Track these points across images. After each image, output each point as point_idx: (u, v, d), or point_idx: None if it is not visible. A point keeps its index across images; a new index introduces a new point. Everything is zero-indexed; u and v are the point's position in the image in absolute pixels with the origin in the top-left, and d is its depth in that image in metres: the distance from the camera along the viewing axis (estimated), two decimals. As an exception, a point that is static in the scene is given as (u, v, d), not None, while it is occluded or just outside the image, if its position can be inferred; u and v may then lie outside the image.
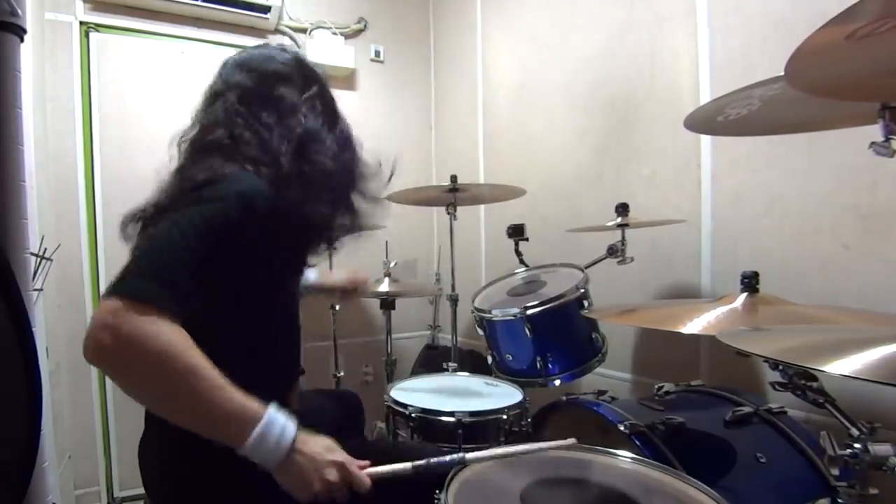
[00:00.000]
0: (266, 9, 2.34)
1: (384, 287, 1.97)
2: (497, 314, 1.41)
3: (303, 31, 2.53)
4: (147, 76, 2.18)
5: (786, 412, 1.12)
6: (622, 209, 1.43)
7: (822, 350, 0.60)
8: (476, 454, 0.81)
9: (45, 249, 1.31)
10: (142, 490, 2.00)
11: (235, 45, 2.34)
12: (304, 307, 1.10)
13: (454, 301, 1.87)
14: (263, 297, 0.88)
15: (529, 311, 1.34)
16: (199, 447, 0.84)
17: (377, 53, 2.73)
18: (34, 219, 1.38)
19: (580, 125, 1.93)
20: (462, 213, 1.86)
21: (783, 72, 0.64)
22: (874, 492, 0.69)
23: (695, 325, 0.89)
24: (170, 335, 0.64)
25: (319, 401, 1.28)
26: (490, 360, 1.50)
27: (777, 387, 0.78)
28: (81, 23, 2.08)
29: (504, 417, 1.27)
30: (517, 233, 1.70)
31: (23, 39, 0.82)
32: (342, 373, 2.11)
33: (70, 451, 1.95)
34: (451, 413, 1.24)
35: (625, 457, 0.91)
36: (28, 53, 1.54)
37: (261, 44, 1.05)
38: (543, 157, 2.10)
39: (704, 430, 1.08)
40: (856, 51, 0.56)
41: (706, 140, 1.50)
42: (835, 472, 0.70)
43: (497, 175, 2.37)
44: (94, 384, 2.09)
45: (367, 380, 2.61)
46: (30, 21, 0.85)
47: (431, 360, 2.39)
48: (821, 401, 0.75)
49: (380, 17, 2.73)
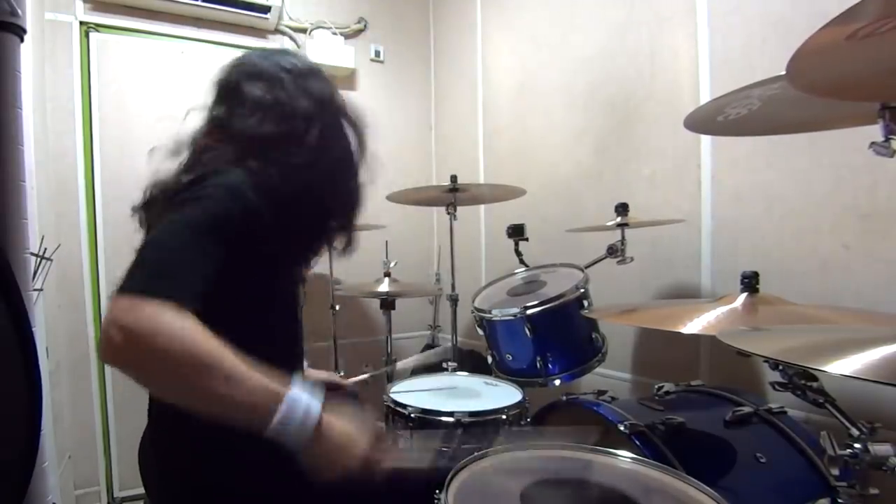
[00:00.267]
0: (266, 9, 2.34)
1: (384, 287, 1.97)
2: (497, 314, 1.41)
3: (303, 31, 2.53)
4: (147, 76, 2.18)
5: (786, 412, 1.12)
6: (622, 209, 1.43)
7: (822, 350, 0.60)
8: None
9: (45, 249, 1.31)
10: (142, 490, 2.00)
11: (235, 45, 2.35)
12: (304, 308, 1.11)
13: (454, 301, 1.87)
14: (261, 290, 0.88)
15: (529, 311, 1.34)
16: (199, 447, 0.85)
17: (377, 53, 2.73)
18: (34, 219, 1.38)
19: (580, 125, 1.93)
20: (462, 213, 1.86)
21: (783, 71, 0.64)
22: (874, 492, 0.69)
23: (695, 325, 0.89)
24: (182, 324, 0.64)
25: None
26: (490, 360, 1.50)
27: (777, 387, 0.78)
28: (81, 23, 2.08)
29: (504, 417, 1.26)
30: (517, 233, 1.70)
31: (23, 39, 0.82)
32: (342, 373, 2.11)
33: (70, 451, 1.95)
34: (451, 413, 1.24)
35: (625, 457, 0.91)
36: (28, 53, 1.54)
37: (269, 48, 1.05)
38: (543, 157, 2.11)
39: (704, 430, 1.08)
40: (856, 51, 0.56)
41: (706, 140, 1.51)
42: (835, 472, 0.70)
43: (497, 175, 2.37)
44: (94, 384, 2.09)
45: (368, 380, 2.61)
46: (30, 21, 0.85)
47: (433, 361, 2.39)
48: (821, 401, 0.75)
49: (380, 17, 2.73)
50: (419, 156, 2.85)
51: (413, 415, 1.28)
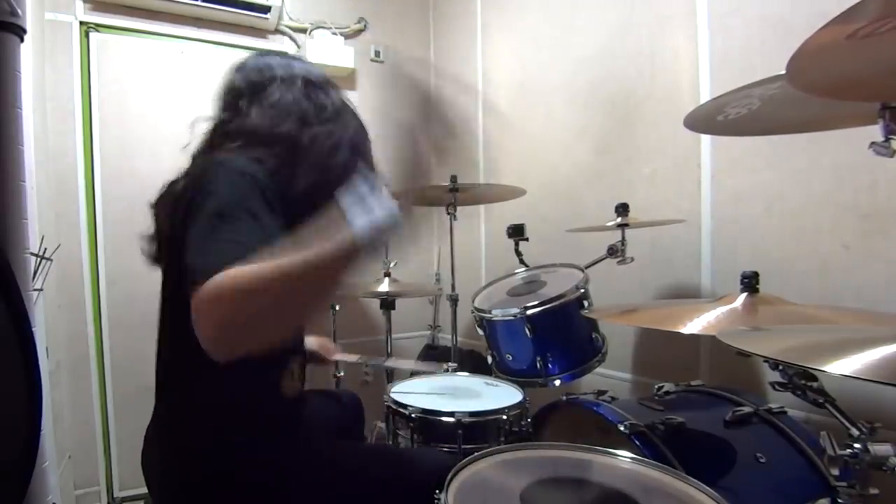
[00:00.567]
0: (266, 9, 2.34)
1: (384, 287, 1.97)
2: (497, 314, 1.41)
3: (303, 31, 2.53)
4: (147, 76, 2.17)
5: (786, 412, 1.12)
6: (622, 209, 1.43)
7: (822, 350, 0.60)
8: None
9: (45, 249, 1.31)
10: (142, 490, 2.01)
11: (235, 46, 2.34)
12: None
13: (454, 301, 1.87)
14: None
15: (529, 311, 1.34)
16: (207, 443, 0.86)
17: (377, 53, 2.73)
18: (34, 219, 1.38)
19: (580, 125, 1.93)
20: (462, 213, 1.86)
21: (783, 71, 0.64)
22: (874, 492, 0.69)
23: (695, 325, 0.89)
24: (244, 272, 0.61)
25: (320, 402, 1.28)
26: (490, 360, 1.50)
27: (777, 387, 0.78)
28: (81, 23, 2.08)
29: (504, 417, 1.26)
30: (517, 233, 1.70)
31: (23, 39, 0.82)
32: (342, 373, 2.11)
33: (70, 451, 1.95)
34: (451, 413, 1.24)
35: (625, 457, 0.91)
36: (28, 53, 1.54)
37: (269, 51, 1.08)
38: (543, 157, 2.10)
39: (704, 430, 1.08)
40: (856, 51, 0.56)
41: (706, 140, 1.51)
42: (835, 472, 0.70)
43: (497, 175, 2.37)
44: (95, 384, 2.09)
45: (367, 380, 2.61)
46: (30, 21, 0.85)
47: (431, 360, 2.39)
48: (821, 401, 0.75)
49: (380, 17, 2.73)
50: (419, 156, 2.84)
51: (413, 415, 1.28)
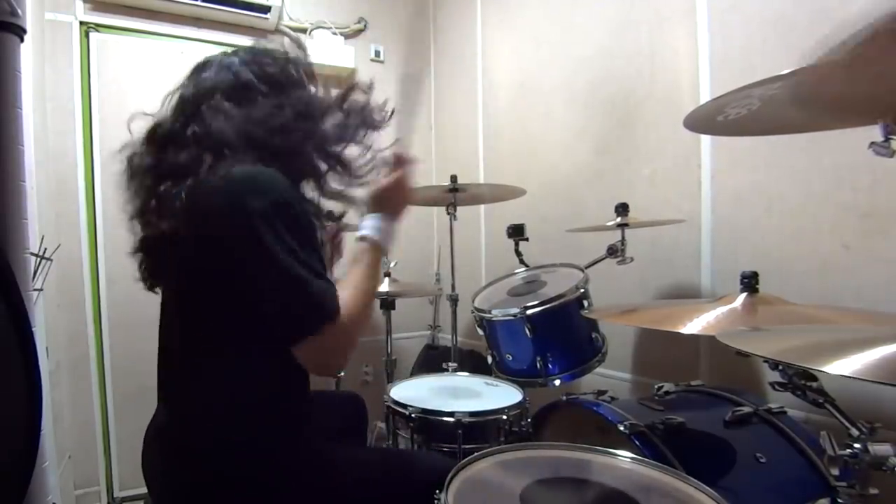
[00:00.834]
0: (266, 9, 2.34)
1: (384, 287, 1.97)
2: (497, 314, 1.41)
3: (303, 31, 2.53)
4: (147, 76, 2.18)
5: (786, 412, 1.12)
6: (622, 209, 1.43)
7: (822, 350, 0.60)
8: None
9: (45, 249, 1.31)
10: (142, 490, 2.01)
11: (235, 46, 2.34)
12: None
13: (454, 301, 1.87)
14: None
15: (529, 311, 1.33)
16: (205, 445, 0.85)
17: (377, 53, 2.73)
18: (34, 219, 1.38)
19: (580, 125, 1.93)
20: (462, 213, 1.86)
21: (784, 71, 0.64)
22: (874, 492, 0.69)
23: (695, 325, 0.89)
24: (349, 312, 0.82)
25: (323, 403, 1.27)
26: (490, 360, 1.50)
27: (777, 387, 0.78)
28: (81, 23, 2.08)
29: (504, 417, 1.26)
30: (517, 233, 1.70)
31: (23, 39, 0.82)
32: (342, 373, 2.11)
33: (70, 451, 1.95)
34: (451, 413, 1.24)
35: (625, 457, 0.91)
36: (28, 53, 1.54)
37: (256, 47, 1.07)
38: (543, 157, 2.10)
39: (704, 430, 1.08)
40: (856, 74, 0.56)
41: (706, 140, 1.50)
42: (835, 472, 0.70)
43: (497, 175, 2.37)
44: (94, 384, 2.09)
45: (367, 380, 2.61)
46: (30, 21, 0.85)
47: (431, 360, 2.39)
48: (821, 401, 0.75)
49: (380, 17, 2.73)
50: (419, 156, 2.84)
51: (413, 415, 1.28)
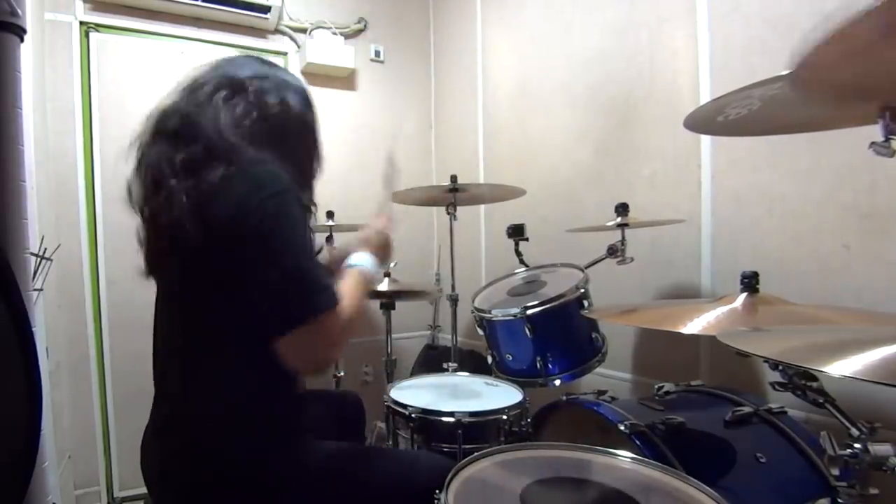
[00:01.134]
0: (266, 9, 2.34)
1: (384, 287, 1.97)
2: (497, 314, 1.41)
3: (303, 31, 2.53)
4: (147, 76, 2.18)
5: (786, 412, 1.12)
6: (622, 209, 1.43)
7: (822, 350, 0.60)
8: None
9: (45, 249, 1.31)
10: (142, 490, 2.00)
11: (235, 45, 2.35)
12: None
13: (454, 301, 1.87)
14: None
15: (529, 311, 1.33)
16: (205, 445, 0.86)
17: (377, 53, 2.73)
18: (34, 219, 1.38)
19: (580, 125, 1.93)
20: (462, 213, 1.86)
21: (784, 71, 0.64)
22: (874, 492, 0.69)
23: (695, 325, 0.89)
24: (345, 311, 0.85)
25: (320, 402, 1.28)
26: (490, 360, 1.50)
27: (777, 387, 0.78)
28: (81, 23, 2.08)
29: (504, 417, 1.26)
30: (517, 233, 1.70)
31: (23, 39, 0.82)
32: (342, 373, 2.11)
33: (70, 451, 1.95)
34: (451, 413, 1.24)
35: (625, 457, 0.92)
36: (28, 53, 1.54)
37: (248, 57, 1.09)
38: (543, 157, 2.10)
39: (704, 430, 1.08)
40: (856, 63, 0.55)
41: (706, 140, 1.50)
42: (835, 472, 0.70)
43: (497, 175, 2.37)
44: (95, 384, 2.09)
45: (367, 380, 2.61)
46: (30, 21, 0.85)
47: (431, 360, 2.39)
48: (821, 401, 0.75)
49: (380, 17, 2.73)
50: (419, 156, 2.85)
51: (413, 415, 1.28)
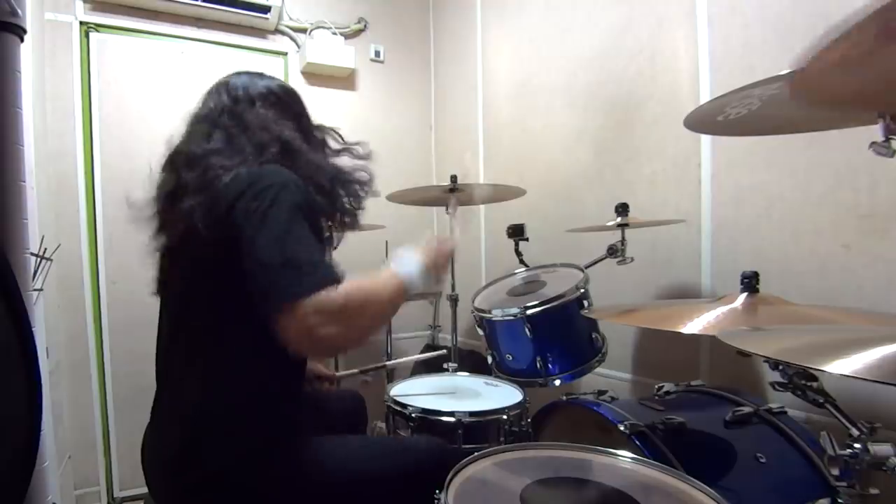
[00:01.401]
0: (266, 9, 2.34)
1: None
2: (497, 314, 1.41)
3: (303, 31, 2.53)
4: (147, 76, 2.18)
5: (786, 412, 1.12)
6: (622, 209, 1.43)
7: (822, 350, 0.60)
8: None
9: (45, 249, 1.31)
10: (142, 490, 2.00)
11: (235, 45, 2.35)
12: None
13: (454, 301, 1.87)
14: None
15: (529, 311, 1.34)
16: (207, 444, 0.86)
17: (377, 53, 2.73)
18: (34, 219, 1.38)
19: (580, 125, 1.93)
20: (462, 213, 1.86)
21: (784, 71, 0.64)
22: (874, 492, 0.69)
23: (695, 325, 0.89)
24: (353, 290, 0.81)
25: (326, 399, 1.34)
26: (490, 360, 1.50)
27: (777, 387, 0.78)
28: (81, 23, 2.08)
29: (504, 417, 1.27)
30: (517, 233, 1.70)
31: (23, 39, 0.82)
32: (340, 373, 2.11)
33: (70, 451, 1.95)
34: (451, 413, 1.24)
35: (625, 457, 0.92)
36: (28, 53, 1.54)
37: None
38: (543, 157, 2.10)
39: (704, 430, 1.08)
40: (852, 71, 0.55)
41: (706, 140, 1.50)
42: (835, 472, 0.70)
43: (497, 175, 2.37)
44: (95, 384, 2.09)
45: (367, 380, 2.61)
46: (30, 21, 0.85)
47: (431, 361, 2.39)
48: (821, 401, 0.75)
49: (380, 17, 2.73)
50: (419, 156, 2.84)
51: (413, 415, 1.28)
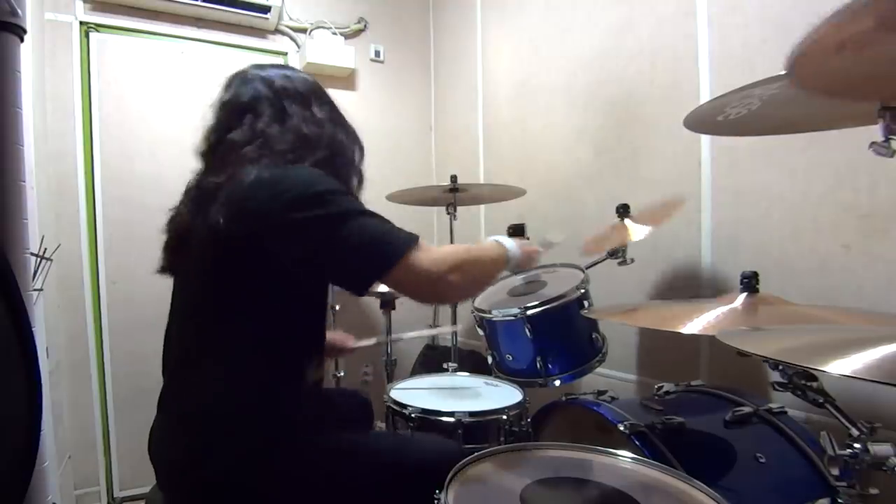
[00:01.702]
0: (266, 9, 2.34)
1: (384, 287, 1.96)
2: (497, 314, 1.41)
3: (303, 31, 2.53)
4: (147, 76, 2.18)
5: (786, 412, 1.12)
6: (623, 209, 1.43)
7: (822, 350, 0.60)
8: None
9: (45, 249, 1.31)
10: (142, 490, 2.01)
11: (235, 45, 2.35)
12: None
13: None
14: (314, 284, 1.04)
15: (529, 312, 1.33)
16: (214, 442, 0.86)
17: (377, 53, 2.73)
18: (34, 219, 1.38)
19: (580, 125, 1.93)
20: (462, 213, 1.86)
21: (784, 71, 0.64)
22: (874, 492, 0.69)
23: (695, 325, 0.89)
24: (461, 246, 0.98)
25: (334, 396, 1.40)
26: (490, 361, 1.50)
27: (777, 387, 0.78)
28: (81, 23, 2.08)
29: (504, 417, 1.26)
30: (517, 233, 1.69)
31: (23, 39, 0.81)
32: (342, 373, 2.12)
33: (70, 451, 1.95)
34: (451, 413, 1.24)
35: (625, 457, 0.92)
36: (28, 53, 1.54)
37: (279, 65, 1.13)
38: (543, 157, 2.10)
39: (704, 430, 1.08)
40: (851, 59, 0.55)
41: (706, 140, 1.51)
42: (835, 472, 0.70)
43: (497, 175, 2.37)
44: (95, 384, 2.09)
45: (367, 380, 2.61)
46: (30, 21, 0.85)
47: (431, 360, 2.39)
48: (821, 401, 0.75)
49: (380, 17, 2.73)
50: (419, 156, 2.84)
51: (413, 415, 1.28)
